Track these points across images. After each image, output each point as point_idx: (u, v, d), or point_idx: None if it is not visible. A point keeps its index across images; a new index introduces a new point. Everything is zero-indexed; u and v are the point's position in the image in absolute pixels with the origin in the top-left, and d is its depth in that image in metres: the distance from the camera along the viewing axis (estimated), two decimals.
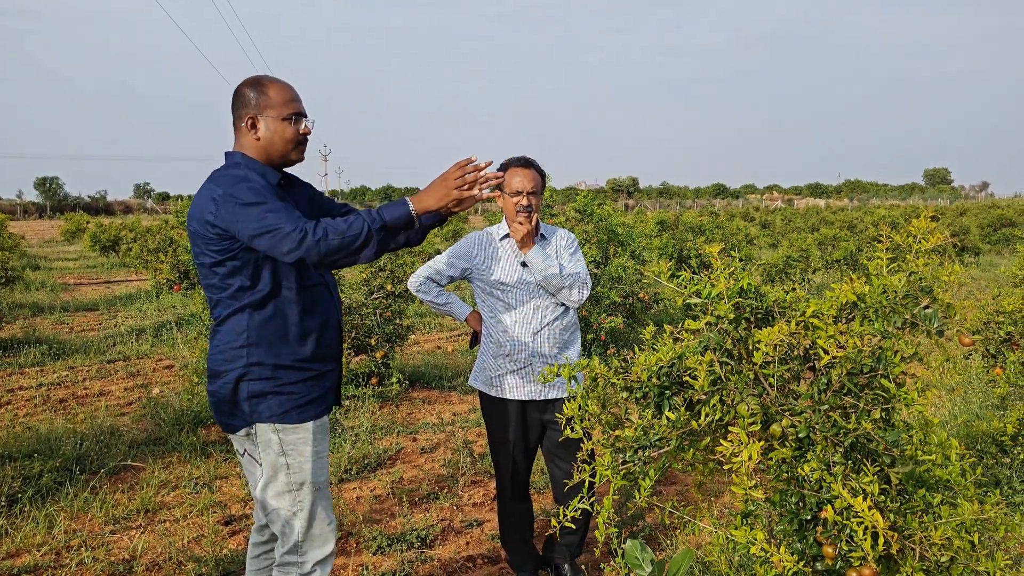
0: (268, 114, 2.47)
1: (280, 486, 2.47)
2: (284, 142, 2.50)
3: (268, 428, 2.44)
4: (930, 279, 1.96)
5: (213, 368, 2.48)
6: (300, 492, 2.48)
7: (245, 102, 2.47)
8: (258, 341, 2.42)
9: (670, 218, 13.52)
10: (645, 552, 1.91)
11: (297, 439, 2.47)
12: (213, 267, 2.39)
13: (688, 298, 2.03)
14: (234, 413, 2.46)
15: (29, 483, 4.55)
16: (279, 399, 2.44)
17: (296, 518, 2.48)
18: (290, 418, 2.45)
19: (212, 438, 5.57)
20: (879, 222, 17.85)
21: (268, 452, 2.46)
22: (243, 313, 2.42)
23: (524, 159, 3.34)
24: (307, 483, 2.48)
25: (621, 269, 8.11)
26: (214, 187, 2.37)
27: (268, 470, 2.47)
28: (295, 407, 2.46)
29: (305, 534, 2.50)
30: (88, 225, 26.96)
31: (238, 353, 2.42)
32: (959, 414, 5.00)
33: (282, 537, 2.51)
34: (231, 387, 2.43)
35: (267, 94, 2.47)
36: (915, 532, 1.78)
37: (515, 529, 3.50)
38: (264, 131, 2.47)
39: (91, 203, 73.21)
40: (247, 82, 2.50)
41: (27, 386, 7.10)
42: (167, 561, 3.73)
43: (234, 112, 2.51)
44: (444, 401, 6.84)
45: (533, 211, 3.27)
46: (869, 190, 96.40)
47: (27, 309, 11.62)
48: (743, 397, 1.91)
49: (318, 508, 2.52)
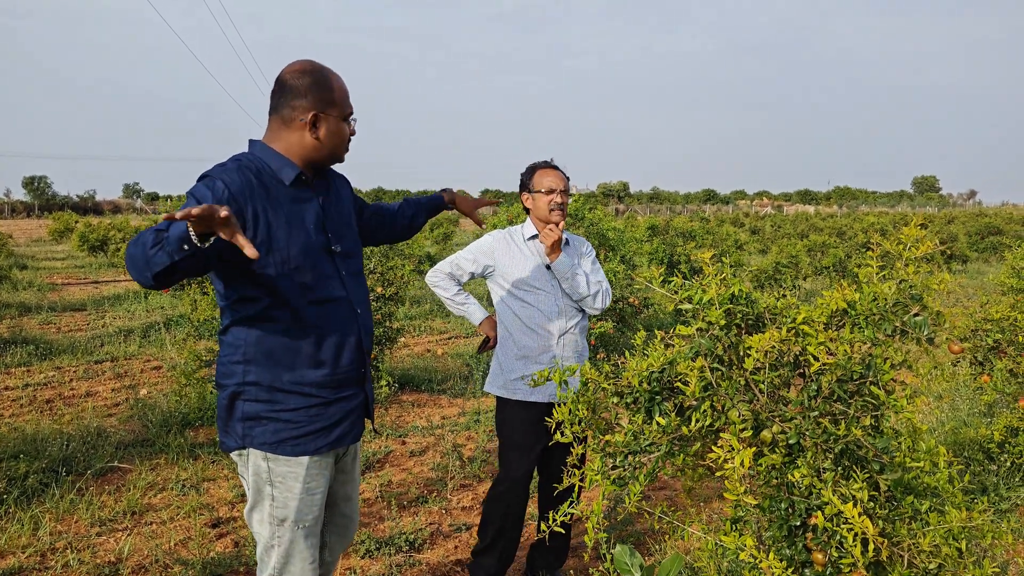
0: (332, 112, 2.25)
1: (263, 514, 2.25)
2: (342, 143, 2.32)
3: (259, 454, 2.21)
4: (920, 287, 1.97)
5: (216, 378, 2.26)
6: (280, 528, 2.24)
7: (305, 94, 2.21)
8: (255, 358, 2.18)
9: (661, 223, 13.55)
10: (634, 557, 1.91)
11: (287, 472, 2.22)
12: (215, 273, 2.16)
13: (679, 304, 2.03)
14: (227, 431, 2.24)
15: (14, 484, 4.52)
16: (274, 426, 2.20)
17: (273, 551, 2.25)
18: (283, 449, 2.20)
19: (200, 440, 5.54)
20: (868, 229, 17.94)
21: (255, 478, 2.23)
22: (242, 326, 2.20)
23: (551, 162, 3.40)
24: (288, 520, 2.24)
25: (611, 274, 8.12)
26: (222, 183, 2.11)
27: (253, 495, 2.25)
28: (291, 437, 2.21)
29: (281, 569, 2.26)
30: (76, 225, 26.80)
31: (234, 368, 2.20)
32: (947, 421, 5.02)
33: (260, 563, 2.30)
34: (226, 403, 2.22)
35: (332, 89, 2.25)
36: (904, 539, 1.78)
37: (509, 535, 3.37)
38: (324, 131, 2.24)
39: (80, 202, 72.87)
40: (306, 71, 2.23)
41: (13, 386, 7.04)
42: (153, 564, 3.70)
43: (285, 102, 2.22)
44: (434, 404, 6.83)
45: (564, 211, 3.29)
46: (858, 197, 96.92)
47: (14, 309, 11.55)
48: (734, 403, 1.91)
49: (297, 548, 2.26)
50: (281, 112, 2.24)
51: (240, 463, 2.28)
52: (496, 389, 3.34)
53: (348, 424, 2.34)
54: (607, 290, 3.33)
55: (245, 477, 2.27)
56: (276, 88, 2.25)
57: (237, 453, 2.26)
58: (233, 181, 2.09)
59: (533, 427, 3.27)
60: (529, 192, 3.36)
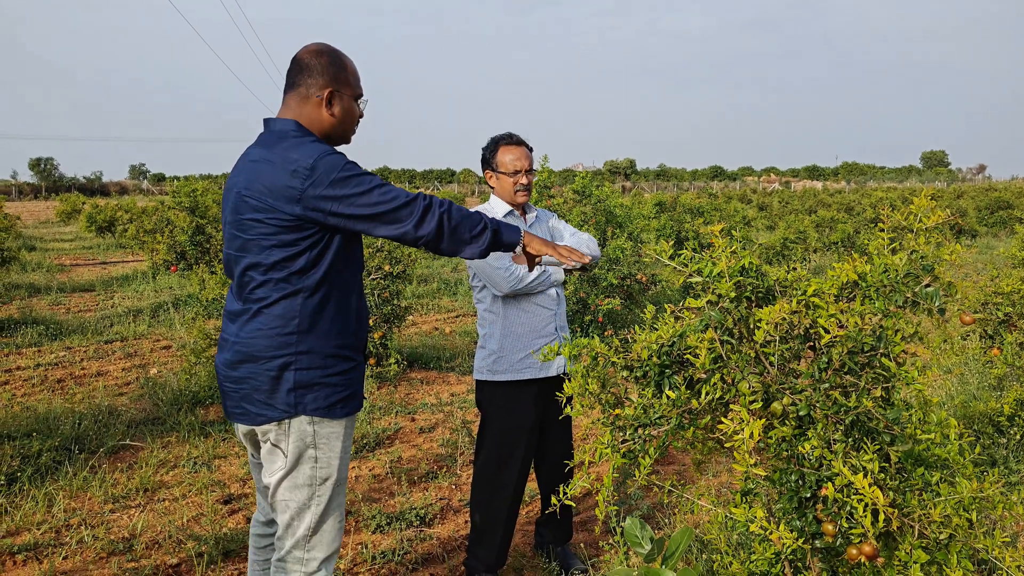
0: (345, 92, 2.37)
1: (301, 478, 2.30)
2: (353, 122, 2.43)
3: (305, 419, 2.27)
4: (931, 258, 1.96)
5: (251, 352, 2.25)
6: (322, 487, 2.33)
7: (322, 72, 2.32)
8: (310, 328, 2.25)
9: (668, 200, 13.50)
10: (644, 530, 1.92)
11: (331, 433, 2.32)
12: (272, 247, 2.20)
13: (689, 277, 2.03)
14: (269, 403, 2.26)
15: (28, 462, 4.56)
16: (326, 391, 2.28)
17: (308, 511, 2.32)
18: (334, 412, 2.30)
19: (210, 418, 5.58)
20: (877, 204, 17.84)
21: (299, 443, 2.28)
22: (295, 297, 2.24)
23: (514, 136, 3.31)
24: (331, 479, 2.34)
25: (619, 251, 8.10)
26: (293, 157, 2.17)
27: (292, 461, 2.29)
28: (340, 400, 2.31)
29: (315, 528, 2.34)
30: (84, 206, 26.84)
31: (287, 340, 2.23)
32: (956, 394, 5.02)
33: (287, 530, 2.34)
34: (273, 375, 2.24)
35: (346, 69, 2.38)
36: (914, 510, 1.79)
37: (506, 523, 3.31)
38: (339, 108, 2.36)
39: (87, 184, 72.94)
40: (323, 51, 2.35)
41: (24, 366, 7.09)
42: (167, 539, 3.74)
43: (301, 80, 2.33)
44: (442, 382, 6.85)
45: (530, 190, 3.28)
46: (866, 172, 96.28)
47: (23, 290, 11.60)
48: (744, 375, 1.91)
49: (334, 505, 2.37)
50: (298, 89, 2.34)
51: (276, 432, 2.28)
52: (502, 375, 3.24)
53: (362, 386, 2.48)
54: (589, 237, 3.37)
55: (280, 445, 2.29)
56: (294, 67, 2.36)
57: (276, 423, 2.27)
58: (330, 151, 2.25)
59: (535, 405, 3.27)
60: (493, 170, 3.30)
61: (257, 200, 2.19)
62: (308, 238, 2.21)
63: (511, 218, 3.32)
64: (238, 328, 2.28)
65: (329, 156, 2.17)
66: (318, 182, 2.14)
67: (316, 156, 2.16)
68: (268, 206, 2.17)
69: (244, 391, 2.27)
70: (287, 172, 2.15)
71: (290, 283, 2.23)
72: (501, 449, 3.26)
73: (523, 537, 3.82)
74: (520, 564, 3.57)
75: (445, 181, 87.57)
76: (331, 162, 2.16)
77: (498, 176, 3.29)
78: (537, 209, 3.48)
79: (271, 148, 2.23)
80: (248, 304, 2.27)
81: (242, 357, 2.26)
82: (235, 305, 2.32)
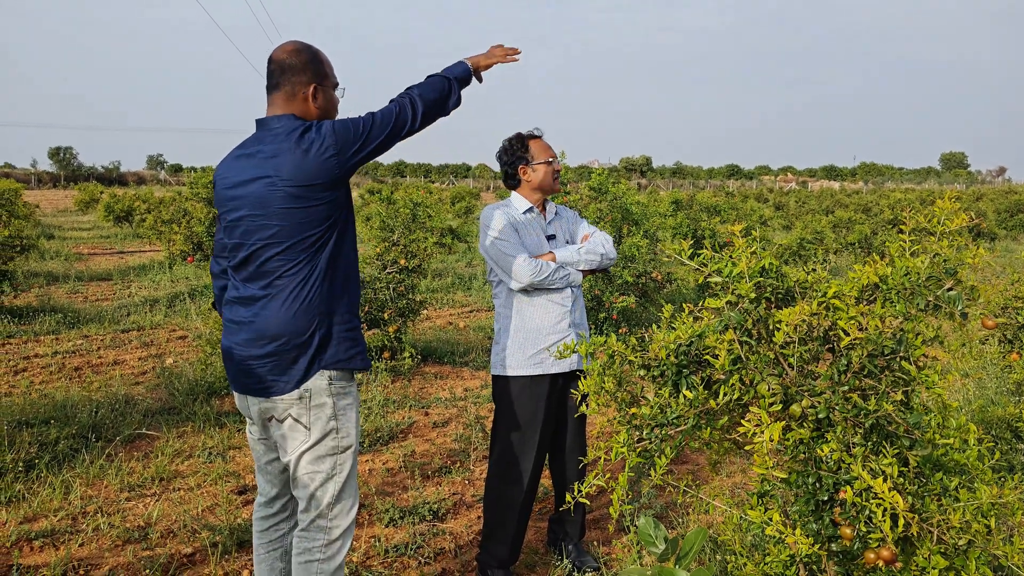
0: (326, 84, 2.55)
1: (323, 449, 2.46)
2: (334, 109, 2.60)
3: (325, 391, 2.44)
4: (954, 261, 1.95)
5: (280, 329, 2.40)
6: (343, 456, 2.50)
7: (303, 70, 2.49)
8: (330, 297, 2.47)
9: (684, 198, 13.45)
10: (658, 529, 1.91)
11: (347, 404, 2.50)
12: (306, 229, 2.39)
13: (709, 276, 2.02)
14: (293, 370, 2.41)
15: (46, 449, 4.60)
16: (345, 345, 2.49)
17: (332, 481, 2.48)
18: (353, 363, 2.50)
19: (226, 408, 5.61)
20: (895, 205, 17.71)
21: (320, 416, 2.45)
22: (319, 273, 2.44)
23: (537, 130, 3.45)
24: (351, 448, 2.52)
25: (635, 248, 8.08)
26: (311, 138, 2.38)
27: (317, 434, 2.45)
28: (356, 353, 2.52)
29: (337, 497, 2.50)
30: (102, 195, 27.03)
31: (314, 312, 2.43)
32: (974, 399, 4.98)
33: (310, 502, 2.48)
34: (301, 344, 2.40)
35: (323, 63, 2.55)
36: (933, 515, 1.77)
37: (519, 519, 3.31)
38: (323, 101, 2.53)
39: (105, 173, 73.38)
40: (300, 49, 2.51)
41: (43, 354, 7.16)
42: (181, 528, 3.77)
43: (285, 80, 2.48)
44: (456, 376, 6.86)
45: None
46: (884, 173, 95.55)
47: (42, 278, 11.70)
48: (763, 377, 1.90)
49: (353, 472, 2.55)
50: (283, 88, 2.49)
51: (298, 407, 2.44)
52: (516, 370, 3.25)
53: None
54: (606, 236, 3.42)
55: (301, 420, 2.45)
56: (275, 68, 2.50)
57: (298, 395, 2.42)
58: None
59: (548, 401, 3.28)
60: (527, 163, 3.35)
61: (294, 187, 2.36)
62: (332, 217, 2.44)
63: (530, 215, 3.35)
64: (259, 309, 2.43)
65: (333, 124, 2.44)
66: (343, 145, 2.40)
67: (326, 130, 2.41)
68: (306, 189, 2.36)
69: (271, 364, 2.42)
70: (316, 153, 2.37)
71: (316, 260, 2.42)
72: (514, 444, 3.27)
73: (536, 534, 3.83)
74: (533, 561, 3.58)
75: (460, 176, 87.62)
76: (338, 126, 2.43)
77: (534, 167, 3.35)
78: (556, 205, 3.50)
79: (284, 140, 2.39)
80: (270, 288, 2.42)
81: (268, 333, 2.41)
82: (249, 291, 2.45)
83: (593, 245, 3.33)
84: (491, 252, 3.25)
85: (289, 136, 2.39)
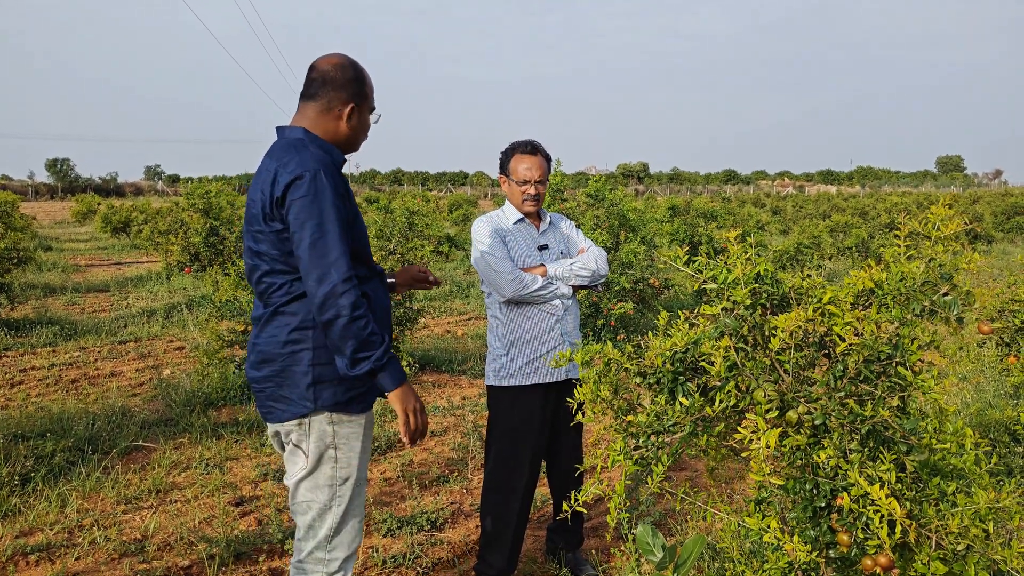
0: (364, 107, 2.47)
1: (322, 479, 2.37)
2: (365, 133, 2.53)
3: (324, 419, 2.34)
4: (949, 266, 1.94)
5: (270, 352, 2.34)
6: (343, 487, 2.39)
7: (345, 87, 2.40)
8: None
9: (681, 204, 13.46)
10: (657, 537, 1.90)
11: (350, 432, 2.39)
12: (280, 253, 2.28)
13: (704, 283, 2.01)
14: (291, 399, 2.33)
15: (42, 462, 4.58)
16: (344, 386, 2.34)
17: (330, 512, 2.38)
18: (352, 408, 2.36)
19: (223, 420, 5.59)
20: (892, 209, 17.74)
21: (319, 443, 2.35)
22: (306, 298, 2.30)
23: (531, 144, 3.32)
24: (351, 479, 2.40)
25: (632, 255, 8.08)
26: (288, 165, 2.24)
27: (313, 462, 2.36)
28: (358, 395, 2.37)
29: (337, 529, 2.40)
30: (99, 207, 27.01)
31: (302, 336, 2.31)
32: (971, 403, 4.97)
33: (308, 531, 2.39)
34: (292, 372, 2.31)
35: (366, 84, 2.46)
36: (931, 520, 1.76)
37: (516, 528, 3.30)
38: (356, 122, 2.45)
39: (102, 184, 73.30)
40: (346, 65, 2.42)
41: (39, 366, 7.14)
42: (178, 541, 3.75)
43: (323, 92, 2.39)
44: (454, 385, 6.85)
45: (540, 200, 3.29)
46: (881, 177, 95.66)
47: (39, 290, 11.68)
48: (759, 383, 1.89)
49: (355, 505, 2.43)
50: (319, 100, 2.40)
51: (296, 432, 2.36)
52: (507, 379, 3.24)
53: None
54: (600, 252, 3.37)
55: (300, 446, 2.37)
56: (316, 77, 2.41)
57: (297, 422, 2.35)
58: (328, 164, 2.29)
59: (541, 409, 3.27)
60: (506, 176, 3.34)
61: (260, 209, 2.29)
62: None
63: (521, 225, 3.34)
64: (258, 331, 2.38)
65: (316, 177, 2.22)
66: (293, 193, 2.21)
67: (306, 169, 2.22)
68: (269, 213, 2.26)
69: (269, 390, 2.36)
70: (283, 178, 2.23)
71: (299, 285, 2.31)
72: (508, 453, 3.27)
73: (535, 542, 3.81)
74: (531, 569, 3.56)
75: (458, 183, 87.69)
76: (313, 186, 2.21)
77: (510, 183, 3.33)
78: (551, 215, 3.49)
79: (276, 157, 2.31)
80: (266, 308, 2.36)
81: (263, 357, 2.36)
82: (257, 311, 2.41)
83: (586, 260, 3.31)
84: (479, 265, 3.24)
85: (281, 155, 2.29)
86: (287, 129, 2.41)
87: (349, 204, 2.34)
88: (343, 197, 2.29)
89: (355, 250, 2.36)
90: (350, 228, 2.32)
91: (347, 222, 2.28)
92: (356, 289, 2.20)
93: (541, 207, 3.39)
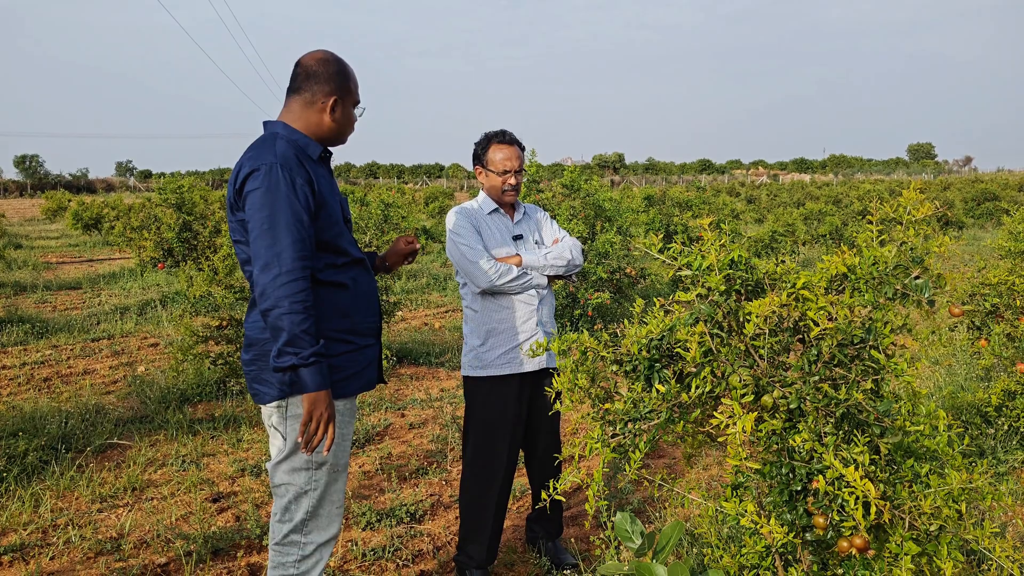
0: (348, 100, 2.52)
1: (299, 462, 2.40)
2: (350, 126, 2.58)
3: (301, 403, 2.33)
4: (920, 250, 1.96)
5: (253, 337, 2.40)
6: (318, 472, 2.42)
7: (328, 80, 2.45)
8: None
9: (657, 193, 13.50)
10: (635, 524, 1.91)
11: None
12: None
13: (679, 270, 2.02)
14: (270, 381, 2.37)
15: (14, 462, 4.52)
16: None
17: (306, 496, 2.42)
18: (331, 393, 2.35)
19: (199, 416, 5.55)
20: (864, 196, 17.92)
21: (296, 427, 2.37)
22: None
23: (507, 134, 3.33)
24: (327, 464, 2.43)
25: (608, 244, 8.10)
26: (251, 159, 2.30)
27: (291, 445, 2.39)
28: (337, 380, 2.39)
29: (312, 513, 2.43)
30: (70, 203, 26.67)
31: None
32: (944, 386, 5.04)
33: (284, 514, 2.43)
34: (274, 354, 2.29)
35: (350, 79, 2.51)
36: (904, 502, 1.78)
37: (495, 519, 3.29)
38: (340, 115, 2.50)
39: (72, 181, 72.40)
40: (330, 60, 2.48)
41: (10, 365, 7.03)
42: (155, 539, 3.72)
43: (307, 86, 2.45)
44: (432, 377, 6.83)
45: (519, 190, 3.29)
46: (854, 165, 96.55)
47: (9, 288, 11.51)
48: (734, 369, 1.90)
49: (331, 491, 2.47)
50: (303, 94, 2.47)
51: (276, 415, 2.41)
52: (484, 369, 3.24)
53: (371, 370, 2.59)
54: (575, 242, 3.36)
55: (279, 429, 2.41)
56: (301, 72, 2.48)
57: (276, 404, 2.39)
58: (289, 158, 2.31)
59: (517, 400, 3.27)
60: (483, 167, 3.33)
61: (229, 201, 2.39)
62: None
63: (496, 216, 3.33)
64: (247, 315, 2.47)
65: (271, 170, 2.25)
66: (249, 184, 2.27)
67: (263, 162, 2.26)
68: (234, 203, 2.36)
69: (253, 372, 2.42)
70: (243, 170, 2.30)
71: None
72: (486, 445, 3.27)
73: (514, 533, 3.82)
74: (511, 559, 3.57)
75: (434, 176, 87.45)
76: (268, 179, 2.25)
77: (487, 174, 3.31)
78: (525, 205, 3.48)
79: (247, 151, 2.37)
80: (253, 295, 2.40)
81: (248, 342, 2.43)
82: (253, 295, 2.45)
83: (560, 250, 3.30)
84: (454, 256, 3.23)
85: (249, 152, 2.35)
86: (269, 124, 2.48)
87: (316, 195, 2.36)
88: (302, 190, 2.29)
89: (324, 240, 2.39)
90: (314, 219, 2.34)
91: (308, 213, 2.30)
92: (300, 282, 2.20)
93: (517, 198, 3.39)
